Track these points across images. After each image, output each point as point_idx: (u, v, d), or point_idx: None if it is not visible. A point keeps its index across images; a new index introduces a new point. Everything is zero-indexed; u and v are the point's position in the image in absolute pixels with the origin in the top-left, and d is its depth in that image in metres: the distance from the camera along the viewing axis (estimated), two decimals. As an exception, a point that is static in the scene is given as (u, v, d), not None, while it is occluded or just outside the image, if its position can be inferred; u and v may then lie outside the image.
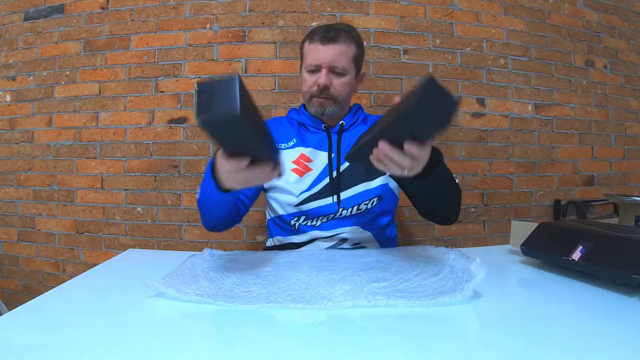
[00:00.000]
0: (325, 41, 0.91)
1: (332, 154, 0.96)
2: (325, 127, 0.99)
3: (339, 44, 0.91)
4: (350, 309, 0.51)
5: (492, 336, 0.45)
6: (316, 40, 0.92)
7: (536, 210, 1.78)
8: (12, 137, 1.75)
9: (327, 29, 0.93)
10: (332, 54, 0.90)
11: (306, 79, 0.95)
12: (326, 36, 0.91)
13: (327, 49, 0.90)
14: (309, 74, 0.94)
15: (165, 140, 1.65)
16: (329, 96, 0.93)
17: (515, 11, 1.75)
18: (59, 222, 1.72)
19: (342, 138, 0.98)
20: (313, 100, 0.95)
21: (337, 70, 0.92)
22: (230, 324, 0.47)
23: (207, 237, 1.64)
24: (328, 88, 0.92)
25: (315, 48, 0.91)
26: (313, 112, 0.97)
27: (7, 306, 1.68)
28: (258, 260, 0.74)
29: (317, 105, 0.95)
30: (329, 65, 0.91)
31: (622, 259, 0.56)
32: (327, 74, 0.92)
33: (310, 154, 0.96)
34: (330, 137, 0.98)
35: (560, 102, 1.80)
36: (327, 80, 0.91)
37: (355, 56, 0.95)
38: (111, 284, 0.65)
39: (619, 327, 0.46)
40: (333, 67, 0.91)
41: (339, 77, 0.93)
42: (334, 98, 0.94)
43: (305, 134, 1.00)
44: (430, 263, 0.69)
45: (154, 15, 1.66)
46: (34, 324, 0.49)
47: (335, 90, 0.93)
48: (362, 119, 1.03)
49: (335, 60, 0.91)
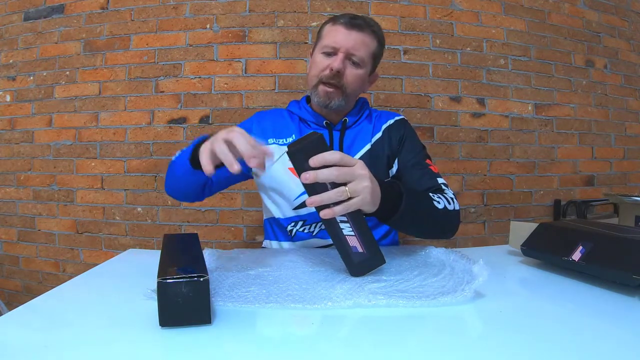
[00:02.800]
0: (350, 26, 0.85)
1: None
2: (327, 123, 0.93)
3: (363, 33, 0.85)
4: (351, 309, 0.51)
5: (492, 336, 0.45)
6: (341, 22, 0.86)
7: (536, 210, 1.78)
8: (12, 137, 1.75)
9: (354, 16, 0.87)
10: (354, 40, 0.84)
11: (319, 60, 0.87)
12: (352, 22, 0.85)
13: (350, 34, 0.84)
14: (323, 56, 0.87)
15: (165, 140, 1.65)
16: (338, 85, 0.86)
17: (515, 11, 1.75)
18: (59, 222, 1.72)
19: (344, 136, 0.92)
20: (320, 88, 0.87)
21: (355, 59, 0.85)
22: (230, 323, 0.47)
23: (207, 237, 1.64)
24: (340, 75, 0.85)
25: (337, 30, 0.85)
26: (317, 101, 0.89)
27: (7, 306, 1.68)
28: (258, 260, 0.74)
29: (323, 95, 0.87)
30: (347, 50, 0.84)
31: (622, 259, 0.56)
32: (344, 60, 0.85)
33: None
34: (332, 135, 0.92)
35: (560, 102, 1.80)
36: (341, 65, 0.84)
37: (375, 52, 0.89)
38: (111, 284, 0.65)
39: (619, 327, 0.46)
40: (351, 55, 0.85)
41: (354, 67, 0.87)
42: (343, 89, 0.87)
43: (305, 130, 0.94)
44: (430, 263, 0.69)
45: (154, 15, 1.66)
46: (34, 324, 0.48)
47: (347, 81, 0.86)
48: (366, 115, 0.97)
49: (356, 48, 0.85)
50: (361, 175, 0.58)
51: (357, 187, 0.58)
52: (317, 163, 0.56)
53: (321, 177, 0.56)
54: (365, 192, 0.58)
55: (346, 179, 0.58)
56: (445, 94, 1.70)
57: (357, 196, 0.58)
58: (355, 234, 0.61)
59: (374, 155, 0.92)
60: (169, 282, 0.44)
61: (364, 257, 0.62)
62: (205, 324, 0.46)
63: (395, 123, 0.97)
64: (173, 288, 0.44)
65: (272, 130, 0.95)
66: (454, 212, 0.80)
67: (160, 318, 0.45)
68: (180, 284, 0.44)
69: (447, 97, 1.70)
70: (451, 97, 1.70)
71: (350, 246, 0.61)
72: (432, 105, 1.68)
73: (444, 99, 1.69)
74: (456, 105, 1.70)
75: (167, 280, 0.44)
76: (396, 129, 0.96)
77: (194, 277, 0.45)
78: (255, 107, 1.63)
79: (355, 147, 0.93)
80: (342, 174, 0.57)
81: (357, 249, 0.61)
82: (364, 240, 0.61)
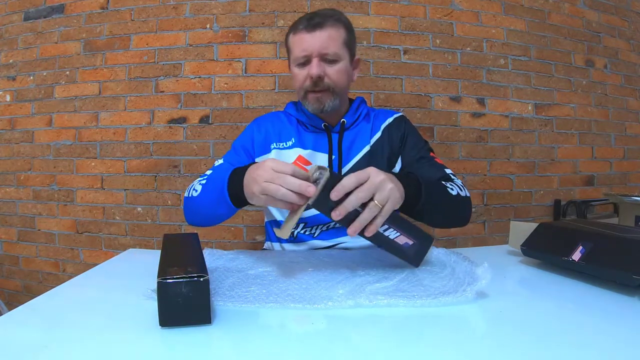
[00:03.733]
0: (311, 28, 0.82)
1: (332, 156, 0.89)
2: (325, 126, 0.91)
3: (326, 29, 0.83)
4: (351, 309, 0.51)
5: (492, 336, 0.45)
6: (301, 29, 0.83)
7: (536, 210, 1.78)
8: (12, 137, 1.75)
9: (310, 16, 0.85)
10: (321, 40, 0.82)
11: (297, 73, 0.86)
12: (311, 23, 0.82)
13: (313, 36, 0.82)
14: (299, 68, 0.86)
15: (165, 140, 1.65)
16: (325, 88, 0.84)
17: (515, 11, 1.75)
18: (59, 222, 1.72)
19: (343, 138, 0.91)
20: (309, 97, 0.86)
21: (329, 57, 0.83)
22: (230, 323, 0.47)
23: (207, 237, 1.64)
24: (322, 78, 0.83)
25: (300, 38, 0.83)
26: (311, 110, 0.88)
27: (7, 306, 1.68)
28: (258, 260, 0.74)
29: (314, 102, 0.86)
30: (319, 53, 0.82)
31: (622, 259, 0.56)
32: (319, 63, 0.83)
33: (308, 157, 0.90)
34: (331, 138, 0.90)
35: (560, 102, 1.80)
36: (319, 70, 0.82)
37: (346, 40, 0.86)
38: (111, 284, 0.65)
39: (619, 327, 0.46)
40: (324, 55, 0.83)
41: (332, 65, 0.84)
42: (331, 89, 0.85)
43: (303, 133, 0.93)
44: (431, 264, 0.69)
45: (154, 15, 1.66)
46: (34, 324, 0.48)
47: (331, 80, 0.84)
48: (364, 115, 0.95)
49: (325, 47, 0.82)
50: (381, 182, 0.59)
51: (383, 195, 0.58)
52: (339, 196, 0.57)
53: (350, 206, 0.57)
54: (392, 194, 0.59)
55: (371, 194, 0.58)
56: (445, 94, 1.70)
57: (387, 202, 0.59)
58: (400, 233, 0.63)
59: (374, 155, 0.91)
60: (169, 282, 0.44)
61: (416, 246, 0.64)
62: (205, 324, 0.46)
63: (394, 121, 0.96)
64: (173, 288, 0.44)
65: (274, 134, 0.94)
66: (466, 198, 0.82)
67: (160, 318, 0.45)
68: (180, 284, 0.44)
69: (447, 97, 1.70)
70: (451, 97, 1.70)
71: (402, 245, 0.64)
72: (432, 105, 1.68)
73: (444, 98, 1.69)
74: (456, 105, 1.70)
75: (167, 280, 0.44)
76: (396, 128, 0.95)
77: (194, 277, 0.45)
78: (255, 107, 1.63)
79: (354, 149, 0.92)
80: (367, 193, 0.58)
81: (408, 243, 0.64)
82: (409, 233, 0.63)
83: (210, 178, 0.80)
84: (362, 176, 0.58)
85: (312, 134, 0.93)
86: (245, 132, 0.98)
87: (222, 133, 1.64)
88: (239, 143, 0.95)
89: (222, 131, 1.64)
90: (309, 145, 0.91)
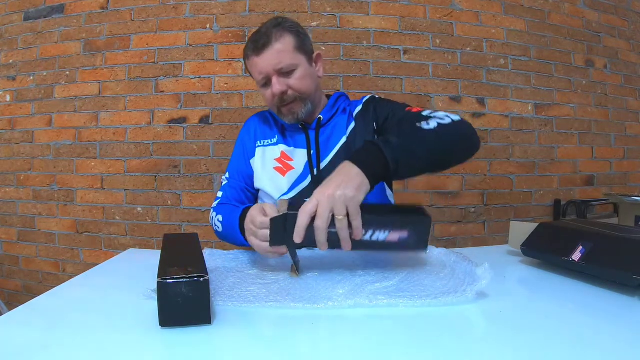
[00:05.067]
0: (258, 51, 0.85)
1: (311, 151, 0.92)
2: (302, 125, 0.94)
3: (272, 45, 0.84)
4: (352, 309, 0.51)
5: (492, 336, 0.45)
6: (250, 55, 0.87)
7: (536, 210, 1.78)
8: (12, 137, 1.75)
9: (256, 38, 0.86)
10: (270, 58, 0.84)
11: (264, 94, 0.90)
12: (257, 45, 0.85)
13: (263, 57, 0.85)
14: (264, 89, 0.89)
15: (165, 140, 1.65)
16: (292, 99, 0.88)
17: (515, 11, 1.75)
18: (59, 222, 1.72)
19: (319, 133, 0.93)
20: (283, 110, 0.89)
21: (285, 69, 0.85)
22: (230, 323, 0.47)
23: (207, 237, 1.64)
24: (286, 92, 0.87)
25: (253, 63, 0.87)
26: (288, 122, 0.91)
27: (7, 306, 1.68)
28: (258, 260, 0.74)
29: (288, 114, 0.89)
30: (274, 70, 0.85)
31: (622, 260, 0.56)
32: (278, 80, 0.86)
33: (290, 153, 0.93)
34: (308, 135, 0.93)
35: (560, 102, 1.80)
36: (281, 86, 0.86)
37: (297, 45, 0.87)
38: (111, 284, 0.65)
39: (619, 327, 0.46)
40: (279, 70, 0.85)
41: (291, 76, 0.87)
42: (298, 97, 0.88)
43: (285, 131, 0.97)
44: (431, 264, 0.69)
45: (154, 15, 1.66)
46: (34, 324, 0.49)
47: (295, 90, 0.87)
48: (342, 109, 0.96)
49: (277, 63, 0.84)
50: (329, 197, 0.56)
51: (338, 206, 0.56)
52: (302, 236, 0.57)
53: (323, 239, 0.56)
54: (346, 197, 0.56)
55: (328, 213, 0.56)
56: (445, 94, 1.70)
57: (350, 207, 0.56)
58: (389, 230, 0.59)
59: (350, 145, 0.91)
60: (169, 282, 0.44)
61: (413, 235, 0.60)
62: (205, 324, 0.46)
63: (363, 106, 0.96)
64: (173, 288, 0.44)
65: (259, 134, 0.99)
66: (455, 123, 0.73)
67: (160, 318, 0.45)
68: (180, 284, 0.44)
69: (447, 97, 1.70)
70: (451, 97, 1.70)
71: (398, 241, 0.60)
72: (432, 105, 1.68)
73: (444, 98, 1.69)
74: (456, 105, 1.70)
75: (167, 280, 0.44)
76: (366, 111, 0.94)
77: (194, 277, 0.45)
78: (255, 107, 1.63)
79: (331, 143, 0.93)
80: (324, 217, 0.56)
81: (403, 236, 0.60)
82: (399, 227, 0.59)
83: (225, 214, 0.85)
84: (310, 207, 0.57)
85: (292, 132, 0.96)
86: (238, 139, 1.03)
87: (222, 133, 1.64)
88: (235, 152, 1.01)
89: (222, 131, 1.64)
90: (291, 143, 0.95)
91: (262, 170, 0.94)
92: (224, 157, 1.63)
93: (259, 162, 0.95)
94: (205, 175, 1.65)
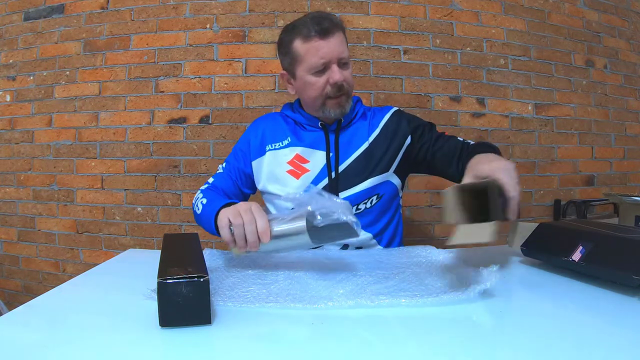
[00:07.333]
0: (325, 34, 0.82)
1: (330, 153, 0.91)
2: (322, 124, 0.93)
3: (336, 34, 0.83)
4: (352, 309, 0.51)
5: (493, 336, 0.45)
6: (313, 36, 0.82)
7: (536, 210, 1.78)
8: (12, 137, 1.75)
9: (317, 21, 0.83)
10: (335, 45, 0.82)
11: (314, 82, 0.85)
12: (323, 29, 0.82)
13: (329, 42, 0.82)
14: (314, 76, 0.85)
15: (165, 140, 1.65)
16: (345, 92, 0.86)
17: (515, 11, 1.75)
18: (59, 222, 1.72)
19: (340, 135, 0.93)
20: (329, 104, 0.87)
21: (344, 61, 0.85)
22: (230, 323, 0.47)
23: (207, 237, 1.64)
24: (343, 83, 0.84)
25: (316, 46, 0.82)
26: (333, 115, 0.89)
27: (7, 306, 1.68)
28: (258, 260, 0.74)
29: (335, 107, 0.87)
30: (337, 58, 0.83)
31: (622, 260, 0.56)
32: (339, 69, 0.83)
33: (305, 154, 0.92)
34: (328, 136, 0.92)
35: (560, 102, 1.80)
36: (342, 76, 0.83)
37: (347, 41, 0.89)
38: (111, 284, 0.65)
39: (619, 327, 0.46)
40: (340, 60, 0.84)
41: (347, 68, 0.86)
42: (348, 92, 0.87)
43: (300, 132, 0.95)
44: (432, 263, 0.69)
45: (154, 15, 1.66)
46: (34, 324, 0.49)
47: (348, 84, 0.86)
48: (361, 114, 0.97)
49: (341, 52, 0.83)
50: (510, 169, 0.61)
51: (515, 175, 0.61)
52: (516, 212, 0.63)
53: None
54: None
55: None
56: (445, 94, 1.70)
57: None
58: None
59: (371, 152, 0.92)
60: (169, 282, 0.44)
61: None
62: (205, 324, 0.46)
63: (392, 117, 0.97)
64: (173, 288, 0.44)
65: (269, 136, 0.97)
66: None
67: (160, 318, 0.45)
68: (180, 284, 0.44)
69: (447, 97, 1.70)
70: (451, 97, 1.70)
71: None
72: (432, 105, 1.68)
73: (444, 98, 1.69)
74: (456, 105, 1.70)
75: (167, 280, 0.44)
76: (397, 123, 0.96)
77: (194, 277, 0.45)
78: (255, 107, 1.63)
79: (352, 147, 0.93)
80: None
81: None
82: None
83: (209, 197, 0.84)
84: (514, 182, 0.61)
85: (309, 133, 0.94)
86: (244, 136, 1.01)
87: (222, 133, 1.64)
88: (238, 146, 0.99)
89: (222, 131, 1.64)
90: (305, 143, 0.93)
91: (271, 174, 0.92)
92: (224, 157, 1.63)
93: (268, 166, 0.93)
94: (205, 176, 1.64)
